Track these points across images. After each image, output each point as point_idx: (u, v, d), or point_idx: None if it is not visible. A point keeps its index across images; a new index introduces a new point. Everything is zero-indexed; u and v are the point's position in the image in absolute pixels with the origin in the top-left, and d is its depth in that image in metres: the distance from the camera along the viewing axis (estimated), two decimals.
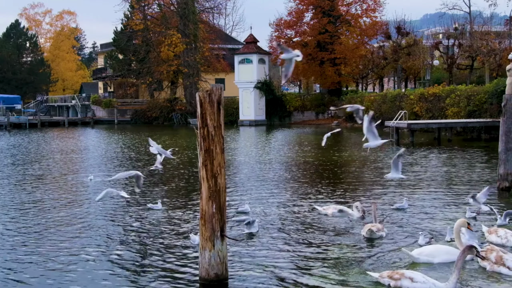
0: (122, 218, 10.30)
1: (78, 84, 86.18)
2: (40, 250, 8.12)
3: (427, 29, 66.64)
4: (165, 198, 12.19)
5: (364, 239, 8.53)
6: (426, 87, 39.19)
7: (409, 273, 6.27)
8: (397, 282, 6.20)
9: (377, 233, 8.62)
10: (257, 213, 10.46)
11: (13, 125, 53.03)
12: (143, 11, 59.77)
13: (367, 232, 8.59)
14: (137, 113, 58.94)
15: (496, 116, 26.09)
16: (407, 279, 6.15)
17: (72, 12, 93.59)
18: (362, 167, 17.66)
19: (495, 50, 39.47)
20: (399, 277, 6.21)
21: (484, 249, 6.95)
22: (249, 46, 52.38)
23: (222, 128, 6.45)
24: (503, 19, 52.59)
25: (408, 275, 6.19)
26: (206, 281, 6.46)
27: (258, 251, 7.94)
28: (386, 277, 6.33)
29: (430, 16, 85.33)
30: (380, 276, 6.39)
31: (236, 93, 52.86)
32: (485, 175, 14.92)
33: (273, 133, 38.45)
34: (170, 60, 54.89)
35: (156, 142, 10.97)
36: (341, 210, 9.74)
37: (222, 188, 6.45)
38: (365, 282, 6.55)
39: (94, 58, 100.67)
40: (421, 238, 8.08)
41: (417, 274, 6.25)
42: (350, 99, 45.42)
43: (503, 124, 12.33)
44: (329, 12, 49.06)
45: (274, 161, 19.51)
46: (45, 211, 11.01)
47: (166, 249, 8.11)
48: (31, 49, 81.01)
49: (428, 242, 7.96)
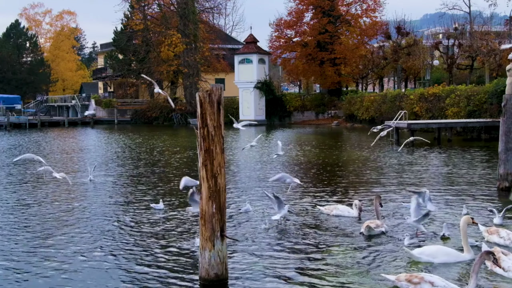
0: (123, 218, 10.30)
1: (78, 84, 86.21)
2: (39, 250, 8.12)
3: (427, 29, 66.61)
4: (165, 198, 12.18)
5: (364, 237, 8.53)
6: (426, 87, 39.20)
7: (428, 276, 6.03)
8: (416, 286, 5.94)
9: (375, 229, 8.62)
10: (257, 213, 10.46)
11: (13, 125, 53.04)
12: (143, 11, 59.77)
13: (366, 229, 8.59)
14: (137, 113, 58.96)
15: (496, 116, 26.08)
16: (427, 283, 5.89)
17: (72, 12, 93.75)
18: (362, 167, 17.66)
19: (495, 50, 39.44)
20: (419, 281, 5.96)
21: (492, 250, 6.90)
22: (249, 46, 52.39)
23: (222, 128, 6.45)
24: (503, 19, 52.59)
25: (428, 279, 5.95)
26: (206, 281, 6.46)
27: (258, 251, 7.94)
28: (404, 280, 6.07)
29: (430, 16, 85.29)
30: (397, 279, 6.15)
31: (236, 93, 52.87)
32: (485, 175, 14.92)
33: (273, 133, 38.44)
34: (170, 60, 54.91)
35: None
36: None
37: (222, 188, 6.45)
38: (371, 284, 6.53)
39: (94, 58, 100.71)
40: (407, 239, 8.09)
41: (436, 278, 6.02)
42: (350, 99, 45.46)
43: (503, 124, 12.34)
44: (329, 12, 49.06)
45: (274, 161, 19.49)
46: (45, 211, 11.00)
47: (166, 249, 8.11)
48: (31, 49, 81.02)
49: (412, 243, 7.98)
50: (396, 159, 19.46)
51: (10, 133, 44.95)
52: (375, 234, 8.58)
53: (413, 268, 7.03)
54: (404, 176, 15.23)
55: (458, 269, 6.97)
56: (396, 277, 6.22)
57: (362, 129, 39.53)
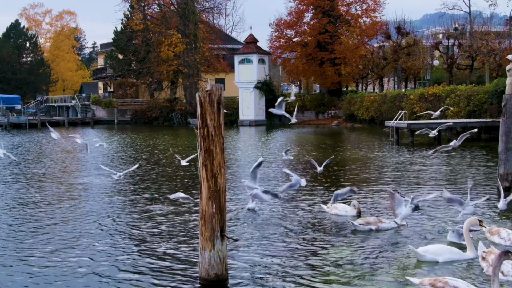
0: (123, 218, 10.30)
1: (78, 84, 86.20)
2: (39, 250, 8.11)
3: (427, 29, 66.66)
4: (165, 197, 12.18)
5: (356, 232, 8.72)
6: (426, 87, 39.19)
7: (452, 281, 6.01)
8: None
9: (362, 226, 8.85)
10: (257, 212, 10.47)
11: (13, 125, 53.04)
12: (143, 11, 59.78)
13: (353, 224, 8.86)
14: (137, 113, 58.97)
15: (496, 116, 26.08)
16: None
17: (72, 12, 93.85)
18: (362, 167, 17.66)
19: (495, 50, 39.45)
20: (443, 285, 5.93)
21: (487, 251, 6.89)
22: (249, 46, 52.38)
23: (222, 128, 6.45)
24: (503, 19, 52.54)
25: (452, 284, 5.92)
26: (206, 281, 6.46)
27: (259, 251, 7.93)
28: (428, 284, 6.05)
29: (430, 16, 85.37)
30: (421, 283, 6.12)
31: (236, 93, 52.86)
32: (485, 175, 14.92)
33: (273, 133, 38.45)
34: (170, 60, 54.91)
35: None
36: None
37: (222, 188, 6.45)
38: (379, 285, 6.54)
39: (94, 58, 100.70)
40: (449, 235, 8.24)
41: (461, 282, 6.00)
42: (350, 99, 45.46)
43: (503, 124, 12.33)
44: (329, 12, 49.07)
45: (274, 161, 19.49)
46: (45, 210, 11.00)
47: (166, 249, 8.10)
48: (31, 49, 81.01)
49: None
50: (396, 158, 19.46)
51: (10, 133, 44.95)
52: (362, 230, 8.82)
53: (417, 266, 7.03)
54: (404, 175, 15.23)
55: (462, 268, 6.98)
56: (420, 280, 6.18)
57: (362, 129, 39.54)
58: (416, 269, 7.01)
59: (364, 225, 8.86)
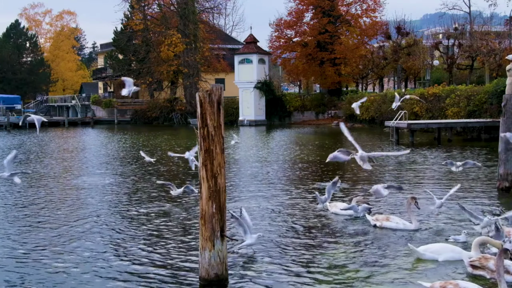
0: (123, 217, 10.30)
1: (78, 84, 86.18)
2: (38, 250, 8.12)
3: (427, 29, 66.60)
4: (165, 197, 12.19)
5: (357, 232, 8.87)
6: (426, 87, 39.18)
7: (463, 283, 5.97)
8: None
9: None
10: (257, 212, 10.47)
11: (13, 125, 53.02)
12: (143, 11, 59.77)
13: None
14: (137, 113, 58.95)
15: (496, 116, 26.08)
16: None
17: (72, 12, 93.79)
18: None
19: (495, 50, 39.45)
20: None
21: (477, 258, 6.80)
22: (249, 46, 52.37)
23: (222, 128, 6.45)
24: (503, 19, 52.53)
25: (464, 286, 5.89)
26: (206, 281, 6.46)
27: (259, 251, 7.93)
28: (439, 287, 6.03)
29: (430, 16, 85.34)
30: (432, 287, 6.09)
31: (236, 93, 52.86)
32: (485, 175, 14.92)
33: (273, 133, 38.44)
34: (170, 60, 54.90)
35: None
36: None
37: (222, 188, 6.45)
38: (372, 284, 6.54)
39: (94, 58, 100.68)
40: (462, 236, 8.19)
41: (472, 285, 5.96)
42: (350, 99, 45.43)
43: (503, 124, 12.33)
44: (329, 12, 49.06)
45: (274, 160, 19.50)
46: (45, 210, 11.01)
47: (166, 249, 8.11)
48: (31, 49, 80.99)
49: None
50: (396, 158, 19.45)
51: (10, 133, 44.95)
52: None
53: (416, 265, 7.03)
54: (405, 174, 15.23)
55: (462, 267, 6.98)
56: (430, 284, 6.13)
57: (362, 129, 39.53)
58: (416, 269, 7.00)
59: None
